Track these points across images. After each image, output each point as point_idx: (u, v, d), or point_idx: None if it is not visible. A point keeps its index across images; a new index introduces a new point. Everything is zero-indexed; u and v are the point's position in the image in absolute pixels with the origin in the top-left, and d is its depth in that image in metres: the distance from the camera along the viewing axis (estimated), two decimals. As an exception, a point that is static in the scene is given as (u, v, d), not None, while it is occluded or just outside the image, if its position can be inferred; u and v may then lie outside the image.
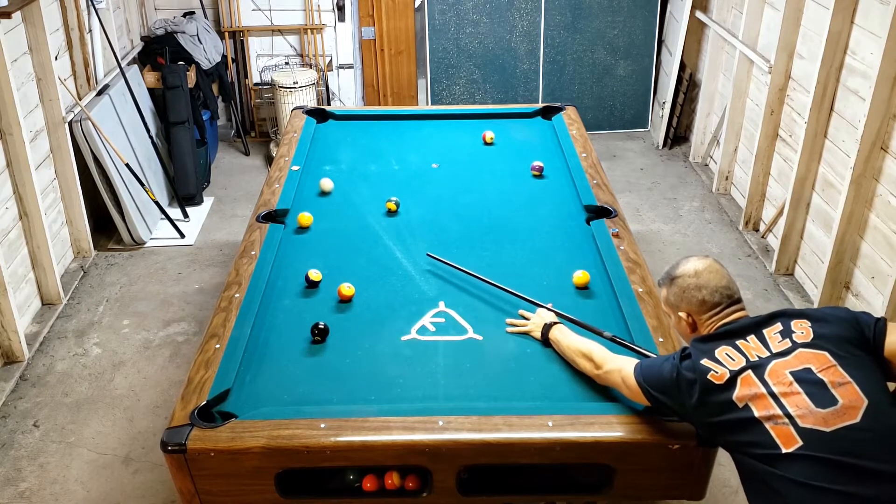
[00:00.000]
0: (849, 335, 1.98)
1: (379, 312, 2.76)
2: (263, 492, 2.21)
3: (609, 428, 2.19)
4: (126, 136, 4.90)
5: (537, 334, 2.59)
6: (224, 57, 5.92)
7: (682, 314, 2.16)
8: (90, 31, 4.79)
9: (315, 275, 2.89)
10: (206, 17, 5.93)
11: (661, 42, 6.28)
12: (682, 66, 5.97)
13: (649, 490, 2.28)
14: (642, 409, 2.26)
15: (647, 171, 5.82)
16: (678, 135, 6.21)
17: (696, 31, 5.84)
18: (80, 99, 4.58)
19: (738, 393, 1.92)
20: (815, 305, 3.98)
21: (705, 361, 1.99)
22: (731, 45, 5.19)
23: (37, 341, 4.00)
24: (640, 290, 2.78)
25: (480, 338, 2.62)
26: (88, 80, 4.78)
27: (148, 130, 5.10)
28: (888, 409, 1.88)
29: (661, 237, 4.91)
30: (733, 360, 1.98)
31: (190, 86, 5.39)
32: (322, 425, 2.19)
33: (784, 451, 1.85)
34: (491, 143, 4.06)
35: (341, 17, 6.06)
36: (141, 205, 4.87)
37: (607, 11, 6.14)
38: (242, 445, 2.14)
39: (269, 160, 5.92)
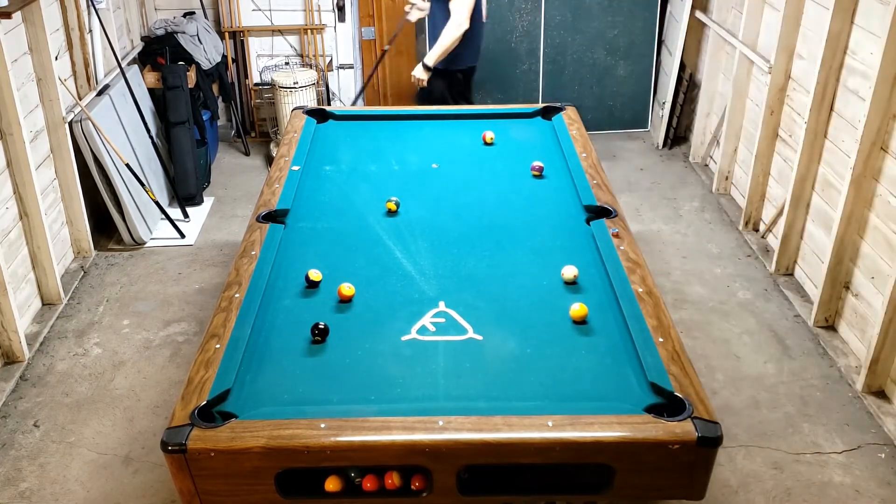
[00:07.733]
0: None
1: (379, 312, 2.76)
2: (263, 492, 2.21)
3: (609, 428, 2.19)
4: (126, 137, 4.89)
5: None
6: (224, 57, 5.92)
7: None
8: (90, 31, 4.79)
9: (315, 275, 2.89)
10: (206, 17, 5.93)
11: (660, 42, 6.28)
12: (682, 67, 5.97)
13: (649, 490, 2.29)
14: (643, 409, 2.26)
15: (646, 171, 5.82)
16: (678, 135, 6.20)
17: (696, 31, 5.84)
18: (81, 99, 4.58)
19: None
20: (815, 306, 3.99)
21: None
22: (731, 45, 5.18)
23: (37, 341, 4.00)
24: (640, 290, 2.78)
25: (480, 338, 2.62)
26: (88, 80, 4.78)
27: (148, 130, 5.10)
28: None
29: (661, 237, 4.91)
30: None
31: (190, 86, 5.39)
32: (322, 425, 2.19)
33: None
34: (491, 144, 4.06)
35: (341, 18, 6.06)
36: (141, 205, 4.87)
37: (607, 12, 6.14)
38: (242, 445, 2.14)
39: (270, 160, 5.92)
